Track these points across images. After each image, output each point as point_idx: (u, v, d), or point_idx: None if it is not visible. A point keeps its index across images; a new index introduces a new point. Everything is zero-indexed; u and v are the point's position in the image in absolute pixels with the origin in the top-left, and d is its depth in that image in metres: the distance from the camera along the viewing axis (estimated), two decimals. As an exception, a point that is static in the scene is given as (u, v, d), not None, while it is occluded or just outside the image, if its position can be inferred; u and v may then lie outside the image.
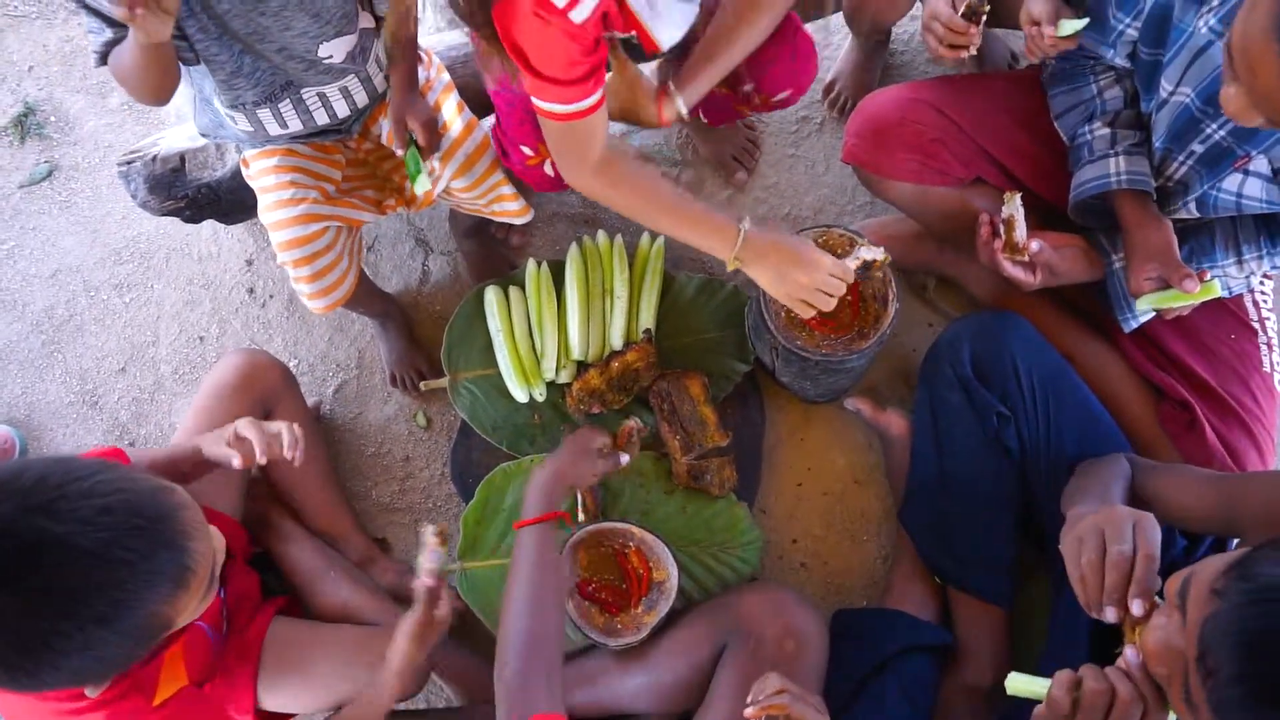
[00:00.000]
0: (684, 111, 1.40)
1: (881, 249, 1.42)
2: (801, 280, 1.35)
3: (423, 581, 1.32)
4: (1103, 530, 1.04)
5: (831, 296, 1.37)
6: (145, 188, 1.73)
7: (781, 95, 1.54)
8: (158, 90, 1.29)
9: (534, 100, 1.22)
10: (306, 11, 1.29)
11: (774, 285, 1.37)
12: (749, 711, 1.15)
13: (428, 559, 1.32)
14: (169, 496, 0.98)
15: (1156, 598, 0.97)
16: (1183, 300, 1.31)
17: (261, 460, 1.28)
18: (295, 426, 1.31)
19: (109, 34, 1.25)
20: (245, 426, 1.29)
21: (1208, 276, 1.31)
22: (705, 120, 1.70)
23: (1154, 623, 0.88)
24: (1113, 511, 1.06)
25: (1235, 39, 1.00)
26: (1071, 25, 1.34)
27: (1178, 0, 1.22)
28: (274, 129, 1.46)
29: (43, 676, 0.91)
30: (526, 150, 1.50)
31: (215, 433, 1.33)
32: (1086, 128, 1.40)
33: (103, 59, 1.28)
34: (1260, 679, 0.73)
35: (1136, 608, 0.97)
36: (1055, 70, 1.46)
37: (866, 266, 1.42)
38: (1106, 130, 1.38)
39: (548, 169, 1.53)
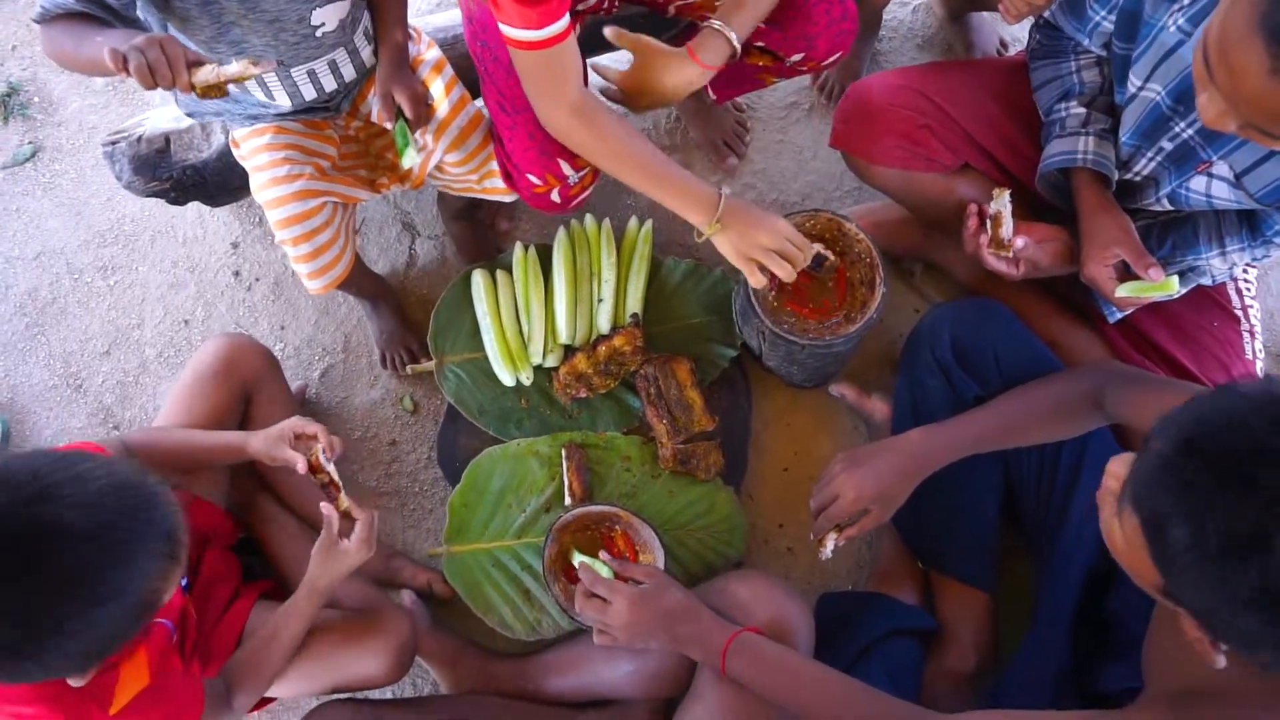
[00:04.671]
0: (737, 44, 1.36)
1: (831, 257, 1.46)
2: (763, 241, 1.37)
3: (327, 507, 1.39)
4: (822, 485, 1.41)
5: (789, 265, 1.38)
6: (130, 169, 1.72)
7: (833, 59, 1.50)
8: (77, 71, 1.30)
9: (505, 30, 1.24)
10: None
11: (733, 244, 1.38)
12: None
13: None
14: (148, 476, 1.01)
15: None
16: (1152, 291, 1.32)
17: (334, 454, 1.38)
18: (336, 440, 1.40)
19: (73, 1, 1.21)
20: (303, 424, 1.37)
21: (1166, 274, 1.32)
22: (713, 96, 1.69)
23: (1109, 525, 0.93)
24: (835, 478, 1.39)
25: (1211, 39, 0.98)
26: None
27: None
28: (259, 95, 1.44)
29: (46, 660, 0.92)
30: (534, 179, 1.51)
31: (266, 433, 1.39)
32: (1062, 105, 1.41)
33: (47, 18, 1.24)
34: (1209, 535, 0.78)
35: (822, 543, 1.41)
36: (1039, 46, 1.47)
37: (820, 260, 1.45)
38: (1082, 110, 1.39)
39: (555, 196, 1.54)
